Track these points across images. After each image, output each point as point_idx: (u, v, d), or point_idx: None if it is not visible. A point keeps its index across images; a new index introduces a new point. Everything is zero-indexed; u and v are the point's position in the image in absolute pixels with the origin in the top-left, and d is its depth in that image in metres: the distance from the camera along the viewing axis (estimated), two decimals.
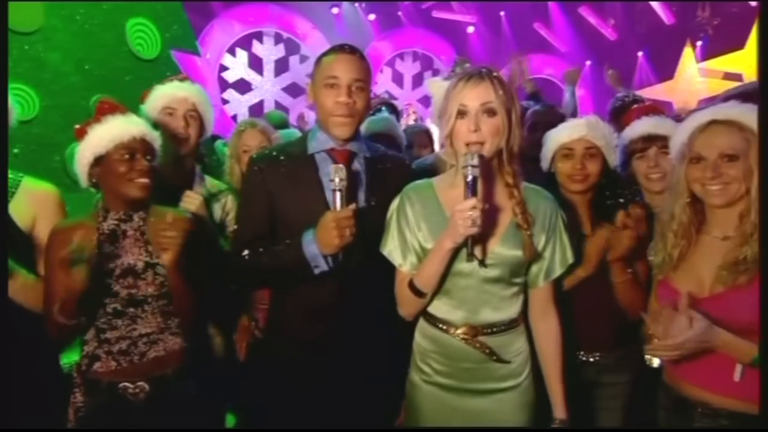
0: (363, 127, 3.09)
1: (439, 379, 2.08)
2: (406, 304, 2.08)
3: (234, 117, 12.58)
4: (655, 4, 12.20)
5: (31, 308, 2.02)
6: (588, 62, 14.01)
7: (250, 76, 12.80)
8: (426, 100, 14.38)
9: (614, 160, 2.49)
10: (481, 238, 1.95)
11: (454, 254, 1.94)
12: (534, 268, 2.08)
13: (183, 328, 2.11)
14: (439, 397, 2.08)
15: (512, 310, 2.07)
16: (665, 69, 12.07)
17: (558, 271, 2.08)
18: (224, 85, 12.44)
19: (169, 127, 2.45)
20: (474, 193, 1.84)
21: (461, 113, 1.95)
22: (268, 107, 13.03)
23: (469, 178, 1.84)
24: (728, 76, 11.40)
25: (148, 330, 2.07)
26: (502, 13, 13.74)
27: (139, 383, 2.04)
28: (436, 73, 14.41)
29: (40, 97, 2.72)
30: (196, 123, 2.52)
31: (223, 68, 12.41)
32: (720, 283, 1.80)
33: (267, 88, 12.95)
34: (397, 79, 14.28)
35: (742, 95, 3.72)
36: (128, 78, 3.09)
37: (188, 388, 2.12)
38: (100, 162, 2.03)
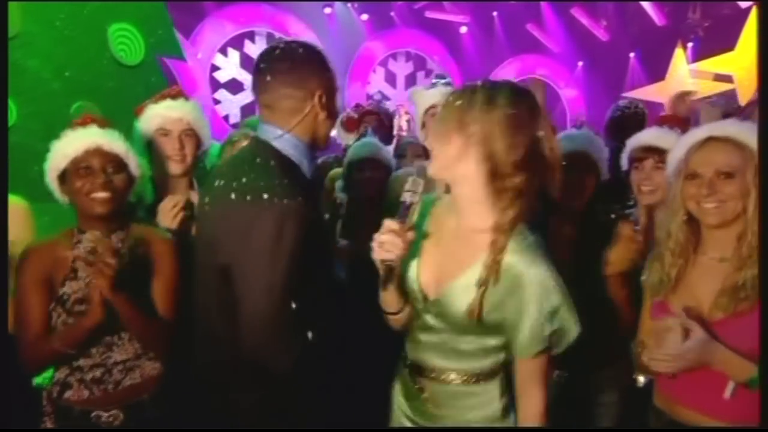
0: (348, 153, 2.98)
1: (398, 387, 1.97)
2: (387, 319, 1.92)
3: (226, 117, 12.49)
4: (646, 6, 12.17)
5: None
6: (580, 63, 14.02)
7: (242, 76, 12.67)
8: None
9: (606, 173, 2.44)
10: (424, 275, 1.75)
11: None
12: (509, 337, 1.69)
13: (159, 353, 2.03)
14: (398, 402, 1.94)
15: (471, 365, 1.74)
16: (657, 70, 12.06)
17: (526, 352, 1.65)
18: (216, 85, 12.34)
19: (165, 149, 2.39)
20: (403, 219, 1.65)
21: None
22: None
23: (407, 201, 1.65)
24: (719, 78, 11.39)
25: (123, 357, 1.98)
26: (494, 14, 13.69)
27: (113, 412, 1.96)
28: (429, 73, 14.35)
29: (18, 105, 2.66)
30: (192, 141, 2.44)
31: (215, 68, 12.31)
32: (720, 309, 1.73)
33: None
34: (390, 79, 14.22)
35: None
36: (111, 84, 3.03)
37: (165, 413, 2.04)
38: (64, 179, 1.97)
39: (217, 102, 12.41)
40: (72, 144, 1.93)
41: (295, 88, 1.81)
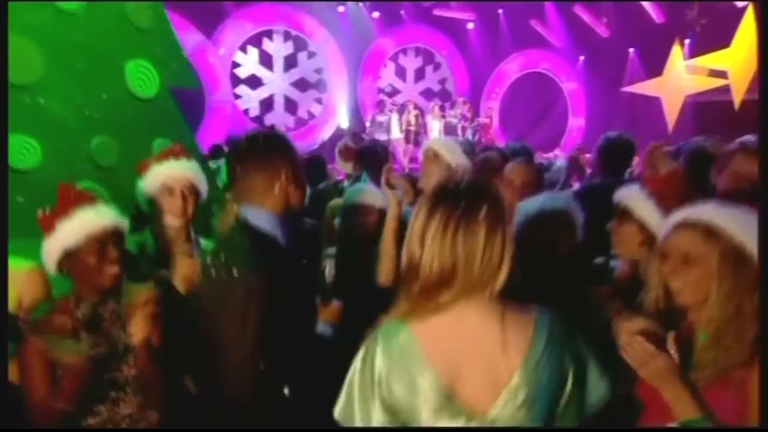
0: (344, 197, 2.97)
1: None
2: None
3: (246, 111, 12.57)
4: (645, 4, 11.99)
5: None
6: (581, 57, 13.87)
7: (261, 72, 12.72)
8: (428, 93, 14.29)
9: (580, 237, 2.26)
10: None
11: None
12: None
13: (160, 401, 2.06)
14: None
15: None
16: (654, 65, 11.92)
17: None
18: (236, 80, 12.39)
19: (168, 205, 2.43)
20: None
21: None
22: (278, 102, 13.00)
23: None
24: (713, 73, 11.22)
25: (130, 410, 1.98)
26: (500, 11, 13.56)
27: None
28: (437, 67, 14.29)
29: (42, 145, 2.71)
30: (192, 197, 2.48)
31: (236, 65, 12.34)
32: None
33: (277, 83, 12.89)
34: (400, 73, 14.18)
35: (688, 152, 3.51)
36: (127, 117, 3.05)
37: None
38: (70, 255, 1.97)
39: (237, 97, 12.49)
40: (90, 223, 1.91)
41: (262, 172, 1.89)
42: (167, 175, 2.42)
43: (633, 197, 2.22)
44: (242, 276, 1.77)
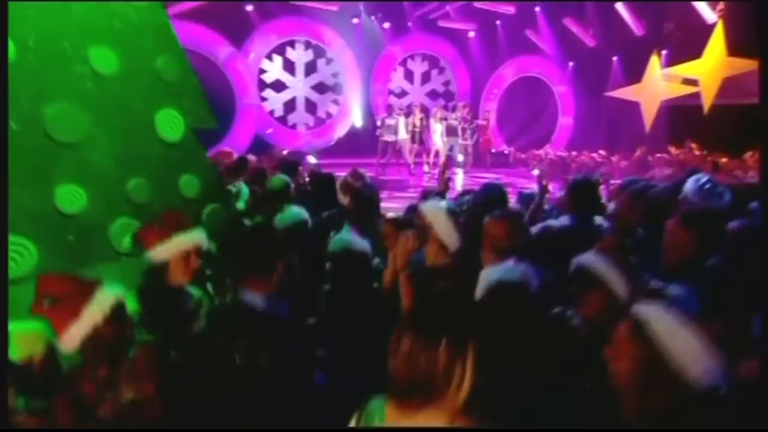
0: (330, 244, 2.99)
1: None
2: None
3: (271, 112, 12.74)
4: (627, 18, 11.88)
5: None
6: (570, 64, 13.77)
7: (285, 77, 12.88)
8: (433, 94, 14.31)
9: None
10: None
11: None
12: None
13: None
14: None
15: None
16: (634, 73, 11.87)
17: None
18: (263, 85, 12.55)
19: (184, 268, 2.50)
20: None
21: None
22: (300, 103, 13.15)
23: None
24: (686, 81, 11.16)
25: None
26: (498, 22, 13.47)
27: None
28: (442, 71, 14.27)
29: (87, 192, 2.92)
30: (198, 258, 2.59)
31: (262, 71, 12.50)
32: None
33: (299, 86, 13.06)
34: (408, 76, 14.22)
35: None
36: (158, 160, 3.24)
37: None
38: (96, 330, 1.92)
39: (264, 99, 12.70)
40: (108, 301, 2.03)
41: (263, 267, 2.00)
42: (192, 243, 2.49)
43: (601, 266, 2.11)
44: (247, 354, 1.88)
